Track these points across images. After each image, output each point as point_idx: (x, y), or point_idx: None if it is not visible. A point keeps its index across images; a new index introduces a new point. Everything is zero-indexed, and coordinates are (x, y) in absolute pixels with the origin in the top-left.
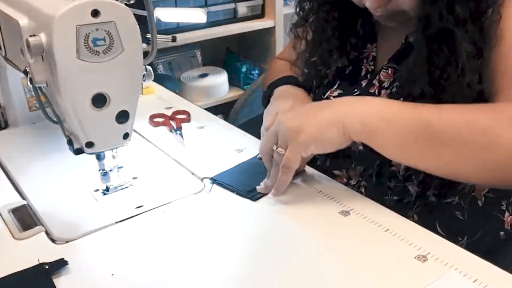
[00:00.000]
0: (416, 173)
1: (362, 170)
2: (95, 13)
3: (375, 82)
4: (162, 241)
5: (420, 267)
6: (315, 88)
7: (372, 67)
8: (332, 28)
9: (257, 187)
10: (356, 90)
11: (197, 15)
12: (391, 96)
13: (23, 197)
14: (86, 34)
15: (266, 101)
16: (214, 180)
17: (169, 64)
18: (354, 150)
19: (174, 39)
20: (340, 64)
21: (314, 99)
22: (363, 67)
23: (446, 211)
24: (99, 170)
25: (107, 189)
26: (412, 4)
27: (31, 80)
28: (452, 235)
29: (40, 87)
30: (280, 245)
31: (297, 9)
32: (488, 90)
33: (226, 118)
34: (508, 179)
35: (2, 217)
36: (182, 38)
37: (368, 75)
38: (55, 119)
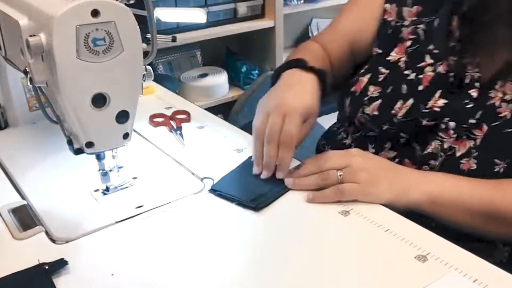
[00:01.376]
0: None
1: None
2: (95, 13)
3: (498, 93)
4: (162, 241)
5: (420, 267)
6: (405, 94)
7: (479, 74)
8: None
9: (286, 180)
10: (468, 101)
11: (197, 15)
12: None
13: (23, 197)
14: (86, 34)
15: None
16: (214, 191)
17: (169, 64)
18: (463, 168)
19: (174, 39)
20: (442, 70)
21: (411, 107)
22: (467, 74)
23: None
24: (99, 170)
25: (107, 189)
26: None
27: (31, 80)
28: (468, 244)
29: (40, 87)
30: (280, 245)
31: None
32: None
33: (226, 118)
34: None
35: (2, 217)
36: (182, 38)
37: (476, 83)
38: (55, 119)
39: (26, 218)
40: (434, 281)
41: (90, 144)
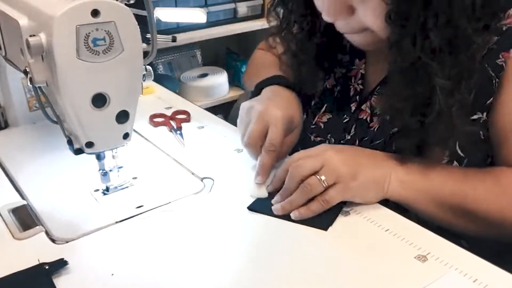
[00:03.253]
0: None
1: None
2: (95, 13)
3: (366, 108)
4: (162, 241)
5: (420, 267)
6: (304, 109)
7: (361, 87)
8: (317, 43)
9: (273, 207)
10: (346, 116)
11: (197, 15)
12: (383, 125)
13: (23, 197)
14: (86, 34)
15: None
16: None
17: (169, 64)
18: None
19: (174, 39)
20: (328, 85)
21: (304, 123)
22: (351, 86)
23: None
24: (99, 170)
25: (107, 189)
26: (379, 24)
27: (31, 80)
28: (453, 236)
29: (40, 87)
30: (280, 244)
31: (276, 20)
32: (492, 136)
33: (226, 118)
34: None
35: (2, 217)
36: (182, 38)
37: (357, 96)
38: (55, 119)
39: (26, 218)
40: (434, 281)
41: (90, 144)
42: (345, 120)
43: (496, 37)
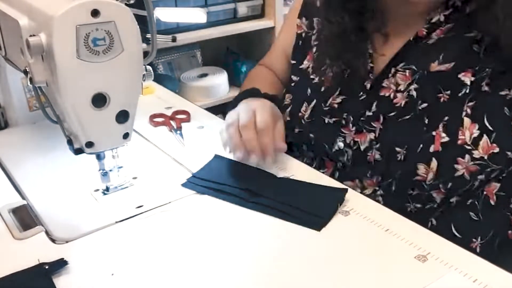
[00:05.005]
0: (445, 181)
1: (379, 180)
2: (95, 13)
3: (390, 85)
4: (162, 241)
5: (420, 267)
6: (310, 96)
7: (371, 65)
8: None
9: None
10: (362, 94)
11: (197, 15)
12: (410, 99)
13: (23, 197)
14: (86, 34)
15: None
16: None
17: (169, 64)
18: (370, 160)
19: (174, 39)
20: (337, 68)
21: (314, 107)
22: (360, 66)
23: (461, 213)
24: (99, 170)
25: (107, 189)
26: None
27: (31, 80)
28: (467, 237)
29: (40, 87)
30: (280, 244)
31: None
32: None
33: None
34: None
35: (2, 217)
36: (182, 38)
37: (370, 74)
38: (55, 119)
39: (26, 218)
40: (434, 281)
41: (90, 144)
42: (362, 98)
43: None
